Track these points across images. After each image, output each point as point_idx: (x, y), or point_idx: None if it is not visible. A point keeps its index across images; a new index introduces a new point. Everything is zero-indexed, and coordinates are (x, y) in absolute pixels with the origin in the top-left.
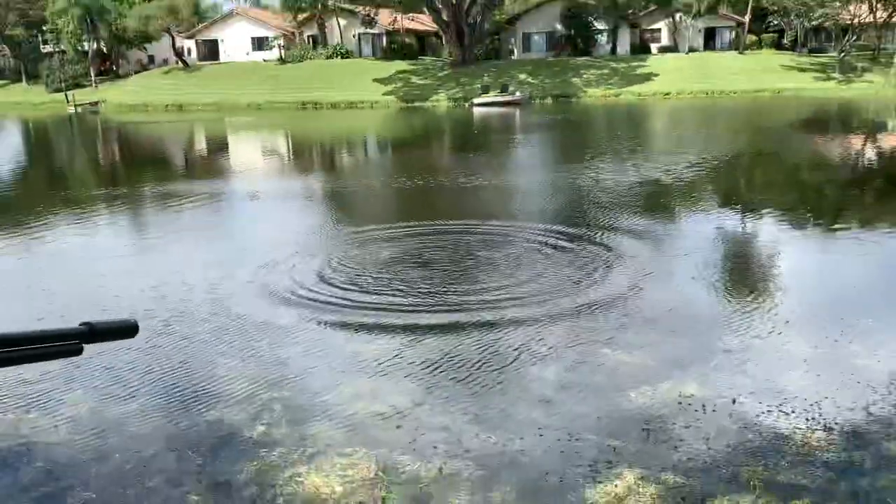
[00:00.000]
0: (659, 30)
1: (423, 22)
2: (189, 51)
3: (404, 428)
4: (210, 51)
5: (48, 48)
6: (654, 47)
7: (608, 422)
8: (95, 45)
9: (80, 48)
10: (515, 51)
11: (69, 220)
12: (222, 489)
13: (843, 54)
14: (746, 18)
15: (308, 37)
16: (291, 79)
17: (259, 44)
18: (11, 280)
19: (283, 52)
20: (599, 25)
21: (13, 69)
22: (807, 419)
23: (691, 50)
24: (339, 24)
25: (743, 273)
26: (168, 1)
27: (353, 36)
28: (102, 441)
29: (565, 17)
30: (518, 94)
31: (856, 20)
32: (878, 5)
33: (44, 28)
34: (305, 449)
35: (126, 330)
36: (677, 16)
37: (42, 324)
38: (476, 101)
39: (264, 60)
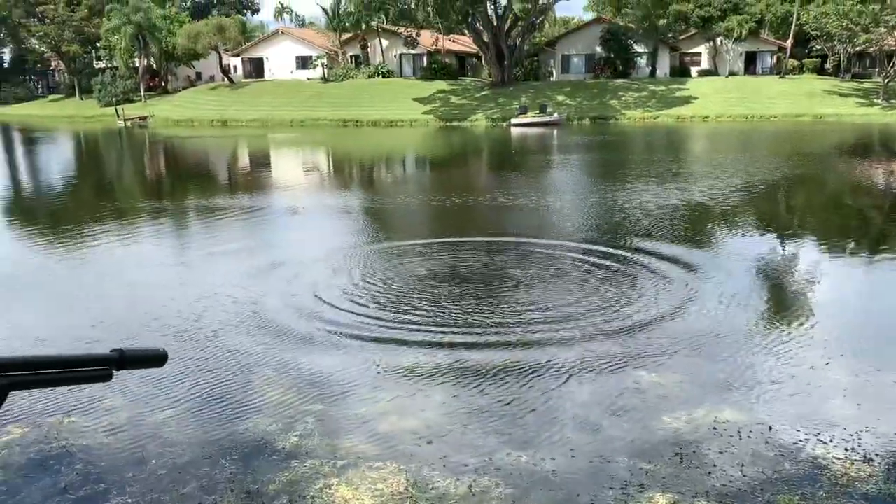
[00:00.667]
0: (699, 53)
1: (463, 43)
2: (235, 68)
3: (435, 444)
4: (255, 68)
5: (101, 64)
6: (693, 70)
7: (641, 445)
8: (146, 62)
9: (131, 64)
10: (554, 72)
11: (118, 231)
12: (254, 498)
13: (887, 80)
14: (788, 43)
15: (351, 56)
16: (333, 97)
17: (303, 62)
18: (61, 289)
19: (326, 70)
20: (639, 48)
21: (68, 84)
22: (846, 449)
23: (731, 74)
24: (381, 44)
25: (787, 299)
26: (216, 20)
27: (395, 56)
28: (139, 446)
29: (605, 39)
30: (556, 114)
31: None
32: None
33: (97, 45)
34: (337, 461)
35: (155, 359)
36: (718, 40)
37: (92, 331)
38: (514, 121)
39: (308, 79)
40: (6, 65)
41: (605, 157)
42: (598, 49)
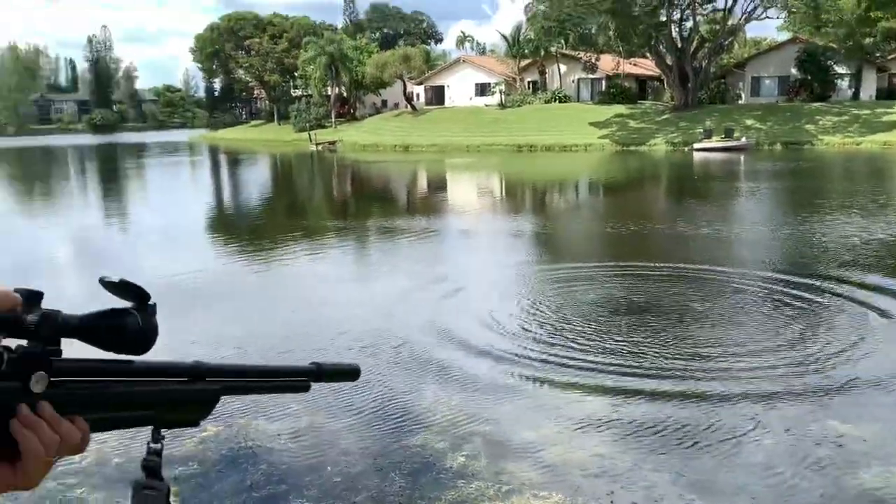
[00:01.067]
0: None
1: (644, 66)
2: (418, 96)
3: (603, 479)
4: (436, 96)
5: (297, 92)
6: None
7: (832, 500)
8: (337, 90)
9: (324, 92)
10: (743, 95)
11: (308, 249)
12: None
13: None
14: None
15: (529, 82)
16: (510, 122)
17: (482, 89)
18: (257, 302)
19: (503, 97)
20: (839, 69)
21: (267, 111)
22: None
23: None
24: (559, 69)
25: None
26: (402, 50)
27: (572, 81)
28: (318, 452)
29: (801, 60)
30: (743, 139)
31: None
32: None
33: (295, 74)
34: (502, 486)
35: (349, 373)
36: None
37: (284, 342)
38: (696, 145)
39: (486, 105)
40: (216, 93)
41: (799, 184)
42: (793, 70)
